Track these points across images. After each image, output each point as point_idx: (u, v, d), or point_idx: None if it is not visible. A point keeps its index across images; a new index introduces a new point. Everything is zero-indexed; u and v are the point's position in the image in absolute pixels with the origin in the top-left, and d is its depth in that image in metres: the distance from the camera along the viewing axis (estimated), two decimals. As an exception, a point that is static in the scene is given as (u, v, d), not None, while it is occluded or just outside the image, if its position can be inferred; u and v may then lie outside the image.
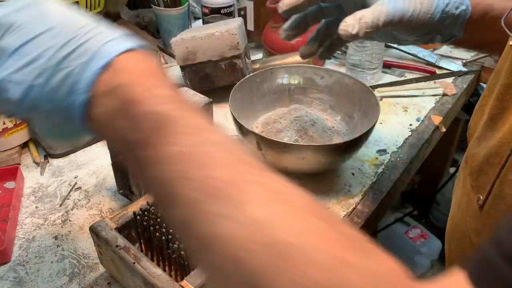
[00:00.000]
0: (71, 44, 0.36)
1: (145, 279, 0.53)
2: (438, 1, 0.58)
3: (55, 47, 0.36)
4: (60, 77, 0.36)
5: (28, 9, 0.38)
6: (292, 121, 0.84)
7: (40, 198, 0.76)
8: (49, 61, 0.36)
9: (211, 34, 0.90)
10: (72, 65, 0.36)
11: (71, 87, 0.36)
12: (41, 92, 0.37)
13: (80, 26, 0.37)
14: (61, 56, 0.36)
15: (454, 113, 1.05)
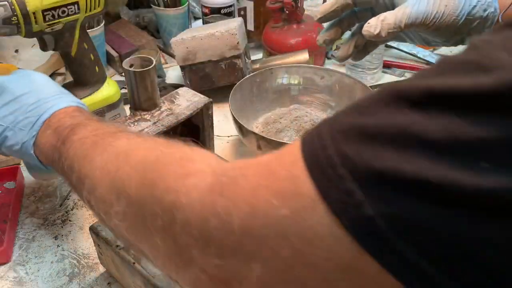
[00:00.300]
0: (31, 105, 0.56)
1: (145, 279, 0.53)
2: (464, 4, 0.57)
3: (18, 106, 0.56)
4: (21, 125, 0.55)
5: None
6: (292, 121, 0.84)
7: (40, 198, 0.76)
8: (13, 114, 0.56)
9: (211, 34, 0.90)
10: (29, 118, 0.55)
11: (28, 130, 0.54)
12: (7, 131, 0.55)
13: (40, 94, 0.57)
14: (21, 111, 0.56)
15: (454, 113, 1.05)
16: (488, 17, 0.59)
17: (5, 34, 0.69)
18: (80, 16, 0.75)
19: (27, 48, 1.19)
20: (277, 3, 1.01)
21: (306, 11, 1.10)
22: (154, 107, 0.70)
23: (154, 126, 0.67)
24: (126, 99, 0.92)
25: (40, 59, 1.11)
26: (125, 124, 0.67)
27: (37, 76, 0.60)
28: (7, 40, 1.20)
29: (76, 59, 0.79)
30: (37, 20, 0.69)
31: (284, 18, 1.04)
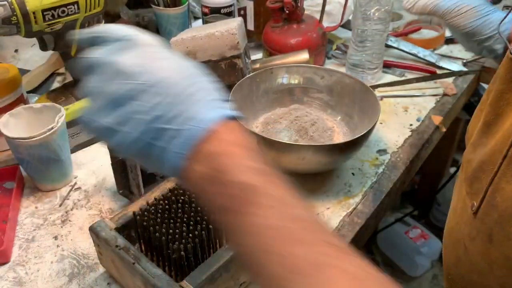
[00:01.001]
0: (170, 106, 0.39)
1: (145, 279, 0.53)
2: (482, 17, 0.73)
3: (146, 108, 0.39)
4: (151, 138, 0.39)
5: (134, 53, 0.40)
6: (292, 121, 0.84)
7: (40, 198, 0.76)
8: (144, 117, 0.39)
9: (211, 34, 0.90)
10: (165, 128, 0.39)
11: (166, 148, 0.39)
12: (132, 143, 0.40)
13: (181, 87, 0.40)
14: (155, 116, 0.39)
15: (455, 113, 1.05)
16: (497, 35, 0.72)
17: (4, 33, 0.69)
18: (80, 16, 0.75)
19: (27, 48, 1.19)
20: (277, 3, 1.01)
21: (306, 11, 1.10)
22: (154, 107, 0.70)
23: (154, 126, 0.67)
24: (126, 99, 0.92)
25: (40, 59, 1.11)
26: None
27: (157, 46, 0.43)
28: (7, 40, 1.20)
29: (76, 59, 0.79)
30: (36, 19, 0.69)
31: (284, 18, 1.04)
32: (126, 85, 0.39)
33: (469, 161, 0.60)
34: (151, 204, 0.61)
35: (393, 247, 1.78)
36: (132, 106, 0.39)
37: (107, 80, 0.40)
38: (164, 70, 0.40)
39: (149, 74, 0.40)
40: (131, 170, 0.67)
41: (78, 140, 0.84)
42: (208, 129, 0.39)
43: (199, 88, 0.41)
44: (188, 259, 0.55)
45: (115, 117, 0.40)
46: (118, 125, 0.40)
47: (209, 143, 0.39)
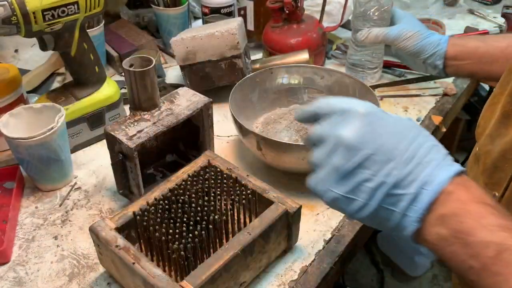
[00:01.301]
0: (400, 171, 0.41)
1: (145, 279, 0.53)
2: (424, 40, 0.84)
3: (379, 176, 0.42)
4: (388, 202, 0.42)
5: (355, 125, 0.43)
6: (292, 121, 0.84)
7: (40, 198, 0.76)
8: (378, 186, 0.42)
9: (211, 34, 0.90)
10: (400, 194, 0.41)
11: (401, 212, 0.42)
12: (370, 211, 0.43)
13: (406, 151, 0.42)
14: (389, 183, 0.41)
15: (454, 113, 1.05)
16: (437, 52, 0.84)
17: (5, 33, 0.69)
18: (80, 16, 0.75)
19: (27, 48, 1.19)
20: (277, 3, 1.01)
21: (306, 11, 1.10)
22: (154, 107, 0.70)
23: (154, 126, 0.67)
24: (126, 99, 0.92)
25: (40, 59, 1.11)
26: (126, 123, 0.67)
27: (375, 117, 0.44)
28: (7, 40, 1.20)
29: (76, 59, 0.79)
30: (36, 20, 0.69)
31: (284, 18, 1.04)
32: (353, 157, 0.42)
33: (488, 153, 0.60)
34: (151, 204, 0.61)
35: (393, 247, 1.78)
36: (361, 176, 0.42)
37: (332, 152, 0.44)
38: (386, 136, 0.43)
39: (373, 143, 0.42)
40: (131, 170, 0.67)
41: (78, 140, 0.84)
42: (443, 190, 0.41)
43: (424, 149, 0.42)
44: (188, 259, 0.55)
45: (347, 187, 0.43)
46: (352, 194, 0.43)
47: (445, 204, 0.40)
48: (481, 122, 0.66)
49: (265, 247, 0.60)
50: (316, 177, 0.47)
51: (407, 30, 0.86)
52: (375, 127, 0.43)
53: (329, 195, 0.45)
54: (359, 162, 0.42)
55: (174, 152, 0.82)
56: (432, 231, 0.41)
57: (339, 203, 0.44)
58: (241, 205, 0.63)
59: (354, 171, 0.43)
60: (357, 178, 0.43)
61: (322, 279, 0.63)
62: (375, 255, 1.81)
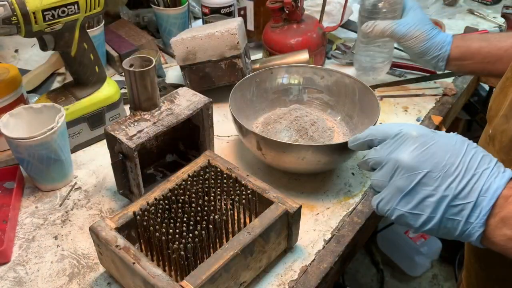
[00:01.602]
0: (458, 183, 0.46)
1: (145, 279, 0.53)
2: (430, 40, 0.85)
3: (439, 191, 0.47)
4: (450, 214, 0.47)
5: (409, 148, 0.49)
6: (292, 121, 0.84)
7: (40, 198, 0.76)
8: (440, 199, 0.47)
9: (211, 34, 0.90)
10: (461, 204, 0.46)
11: (466, 221, 0.46)
12: (435, 223, 0.48)
13: (460, 164, 0.47)
14: (450, 195, 0.46)
15: (454, 113, 1.05)
16: (440, 55, 0.86)
17: (5, 33, 0.69)
18: (80, 16, 0.75)
19: (27, 48, 1.19)
20: (277, 3, 1.01)
21: (306, 11, 1.10)
22: (154, 107, 0.70)
23: (154, 126, 0.67)
24: (126, 99, 0.92)
25: (40, 59, 1.11)
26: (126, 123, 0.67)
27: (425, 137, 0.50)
28: (7, 40, 1.20)
29: (76, 59, 0.79)
30: (37, 20, 0.69)
31: (284, 18, 1.04)
32: (413, 176, 0.47)
33: (504, 131, 0.63)
34: (151, 204, 0.61)
35: (393, 247, 1.78)
36: (424, 192, 0.47)
37: (394, 174, 0.49)
38: (440, 154, 0.48)
39: (429, 162, 0.47)
40: (131, 170, 0.67)
41: (78, 140, 0.84)
42: (500, 196, 0.45)
43: (476, 160, 0.47)
44: (188, 259, 0.55)
45: (411, 204, 0.48)
46: (417, 209, 0.48)
47: (505, 208, 0.45)
48: (493, 106, 0.70)
49: (265, 247, 0.60)
50: (380, 198, 0.51)
51: (415, 29, 0.86)
52: (429, 147, 0.48)
53: (395, 213, 0.50)
54: (419, 180, 0.47)
55: (174, 152, 0.82)
56: (497, 233, 0.45)
57: (405, 219, 0.49)
58: (241, 205, 0.63)
59: (416, 189, 0.48)
60: (420, 195, 0.47)
61: (322, 279, 0.63)
62: (375, 255, 1.81)
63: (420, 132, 0.50)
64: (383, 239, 1.81)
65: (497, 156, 0.65)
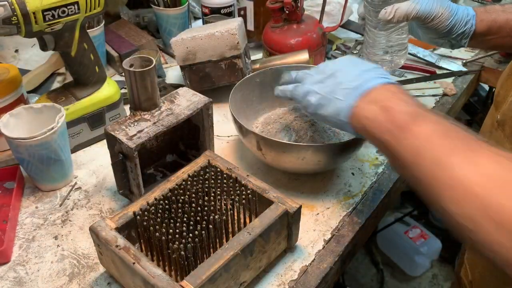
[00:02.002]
0: (350, 77, 0.61)
1: (145, 279, 0.53)
2: (454, 16, 0.77)
3: (338, 78, 0.62)
4: (338, 94, 0.61)
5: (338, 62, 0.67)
6: (292, 121, 0.84)
7: (40, 198, 0.76)
8: (334, 85, 0.62)
9: (211, 34, 0.90)
10: (347, 89, 0.60)
11: (345, 97, 0.60)
12: (325, 100, 0.62)
13: (358, 68, 0.62)
14: (341, 83, 0.61)
15: (454, 113, 1.05)
16: (465, 31, 0.78)
17: (5, 34, 0.69)
18: (80, 16, 0.75)
19: (27, 48, 1.19)
20: (277, 3, 1.01)
21: (306, 11, 1.10)
22: (154, 107, 0.70)
23: (154, 126, 0.67)
24: (126, 99, 0.92)
25: (40, 59, 1.11)
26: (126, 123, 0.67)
27: (347, 57, 0.68)
28: (7, 40, 1.20)
29: (76, 59, 0.79)
30: (37, 20, 0.69)
31: (284, 18, 1.04)
32: (327, 72, 0.64)
33: None
34: (151, 204, 0.61)
35: (393, 247, 1.78)
36: (326, 80, 0.63)
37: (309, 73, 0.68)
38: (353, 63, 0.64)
39: (344, 66, 0.64)
40: (131, 170, 0.67)
41: (78, 140, 0.84)
42: (380, 86, 0.58)
43: (375, 70, 0.61)
44: (188, 259, 0.55)
45: (316, 86, 0.64)
46: (316, 87, 0.64)
47: (379, 92, 0.57)
48: (501, 91, 0.71)
49: (265, 247, 0.60)
50: (296, 85, 0.68)
51: (437, 7, 0.77)
52: (337, 60, 0.67)
53: (304, 89, 0.65)
54: (329, 75, 0.64)
55: (174, 152, 0.82)
56: (366, 107, 0.57)
57: (307, 97, 0.65)
58: (241, 205, 0.63)
59: (326, 79, 0.64)
60: (327, 82, 0.63)
61: (322, 279, 0.63)
62: (375, 255, 1.81)
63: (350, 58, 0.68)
64: (383, 239, 1.81)
65: (507, 141, 0.66)
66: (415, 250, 1.71)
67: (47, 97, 0.82)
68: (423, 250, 1.71)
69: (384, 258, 1.81)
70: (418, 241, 1.72)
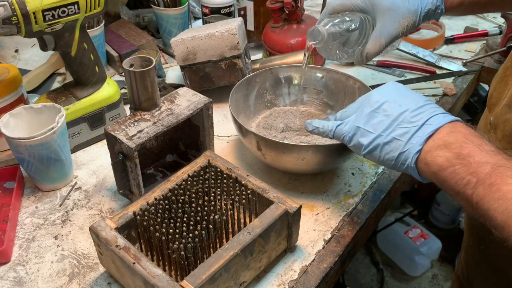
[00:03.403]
0: (407, 114, 0.54)
1: (145, 279, 0.53)
2: (419, 16, 0.72)
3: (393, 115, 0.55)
4: (396, 134, 0.54)
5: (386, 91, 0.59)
6: (292, 121, 0.84)
7: (40, 198, 0.76)
8: (392, 121, 0.54)
9: (211, 34, 0.90)
10: (408, 127, 0.53)
11: (407, 140, 0.53)
12: (382, 140, 0.55)
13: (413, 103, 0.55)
14: (398, 121, 0.54)
15: (454, 113, 1.05)
16: (436, 12, 0.73)
17: (5, 34, 0.69)
18: (80, 16, 0.75)
19: (27, 48, 1.19)
20: (277, 3, 1.01)
21: (306, 11, 1.10)
22: (154, 107, 0.70)
23: (154, 126, 0.67)
24: (126, 99, 0.92)
25: (40, 59, 1.11)
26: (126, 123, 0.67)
27: (392, 85, 0.60)
28: (7, 40, 1.20)
29: (76, 59, 0.79)
30: (37, 20, 0.69)
31: (284, 18, 1.04)
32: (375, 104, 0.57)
33: (507, 121, 0.64)
34: (151, 204, 0.61)
35: (393, 247, 1.78)
36: (378, 115, 0.56)
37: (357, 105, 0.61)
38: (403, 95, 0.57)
39: (389, 96, 0.57)
40: (131, 170, 0.67)
41: (78, 140, 0.84)
42: (446, 125, 0.51)
43: (431, 105, 0.55)
44: (188, 259, 0.55)
45: (366, 122, 0.56)
46: (371, 128, 0.56)
47: (449, 134, 0.50)
48: (494, 94, 0.70)
49: (265, 247, 0.60)
50: (340, 123, 0.60)
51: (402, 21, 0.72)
52: (390, 89, 0.58)
53: (352, 129, 0.58)
54: (379, 106, 0.55)
55: (174, 152, 0.82)
56: (437, 154, 0.50)
57: (358, 137, 0.57)
58: (241, 205, 0.63)
59: (375, 112, 0.56)
60: (377, 117, 0.55)
61: (322, 279, 0.63)
62: (375, 255, 1.81)
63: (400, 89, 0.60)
64: (383, 239, 1.81)
65: (500, 144, 0.67)
66: (415, 250, 1.71)
67: (47, 97, 0.82)
68: (423, 250, 1.71)
69: (384, 258, 1.81)
70: (418, 241, 1.72)
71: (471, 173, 0.47)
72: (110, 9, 1.21)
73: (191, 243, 0.55)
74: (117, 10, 1.23)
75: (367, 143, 0.56)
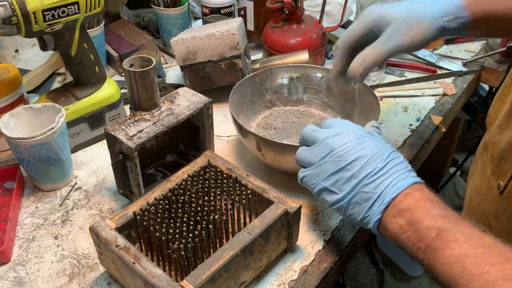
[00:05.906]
0: (373, 177, 0.53)
1: (145, 279, 0.53)
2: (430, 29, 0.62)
3: (357, 178, 0.54)
4: (359, 198, 0.54)
5: (344, 138, 0.56)
6: (292, 121, 0.84)
7: (40, 198, 0.76)
8: (355, 185, 0.54)
9: (211, 34, 0.90)
10: (370, 192, 0.53)
11: (368, 207, 0.53)
12: (346, 203, 0.55)
13: (379, 163, 0.54)
14: (361, 185, 0.54)
15: (454, 113, 1.05)
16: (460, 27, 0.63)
17: (5, 34, 0.69)
18: (80, 16, 0.75)
19: (27, 48, 1.19)
20: (277, 3, 1.01)
21: (306, 11, 1.10)
22: (154, 107, 0.70)
23: (154, 126, 0.67)
24: (126, 99, 0.92)
25: (40, 59, 1.11)
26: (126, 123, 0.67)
27: (359, 131, 0.57)
28: (7, 40, 1.20)
29: (76, 59, 0.79)
30: (37, 20, 0.69)
31: (284, 18, 1.04)
32: (341, 163, 0.55)
33: (496, 143, 0.63)
34: (151, 204, 0.61)
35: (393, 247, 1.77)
36: (345, 176, 0.54)
37: (322, 155, 0.56)
38: (366, 150, 0.55)
39: (355, 154, 0.54)
40: (131, 170, 0.67)
41: (78, 140, 0.85)
42: (402, 192, 0.52)
43: (393, 163, 0.54)
44: (188, 259, 0.55)
45: (333, 183, 0.56)
46: (336, 188, 0.55)
47: (402, 202, 0.52)
48: (492, 112, 0.69)
49: (265, 247, 0.60)
50: (306, 172, 0.58)
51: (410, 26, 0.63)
52: (360, 143, 0.55)
53: (318, 187, 0.57)
54: (344, 166, 0.55)
55: (174, 152, 0.82)
56: (392, 221, 0.52)
57: (324, 194, 0.57)
58: (241, 205, 0.63)
59: (339, 172, 0.55)
60: (341, 178, 0.55)
61: (322, 279, 0.63)
62: (375, 255, 1.81)
63: (357, 130, 0.57)
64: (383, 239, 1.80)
65: (489, 166, 0.65)
66: (415, 250, 1.71)
67: (47, 97, 0.82)
68: (423, 250, 1.70)
69: (384, 258, 1.80)
70: (418, 241, 1.72)
71: (420, 239, 0.49)
72: (110, 9, 1.21)
73: (191, 243, 0.55)
74: (117, 10, 1.23)
75: (333, 202, 0.56)
